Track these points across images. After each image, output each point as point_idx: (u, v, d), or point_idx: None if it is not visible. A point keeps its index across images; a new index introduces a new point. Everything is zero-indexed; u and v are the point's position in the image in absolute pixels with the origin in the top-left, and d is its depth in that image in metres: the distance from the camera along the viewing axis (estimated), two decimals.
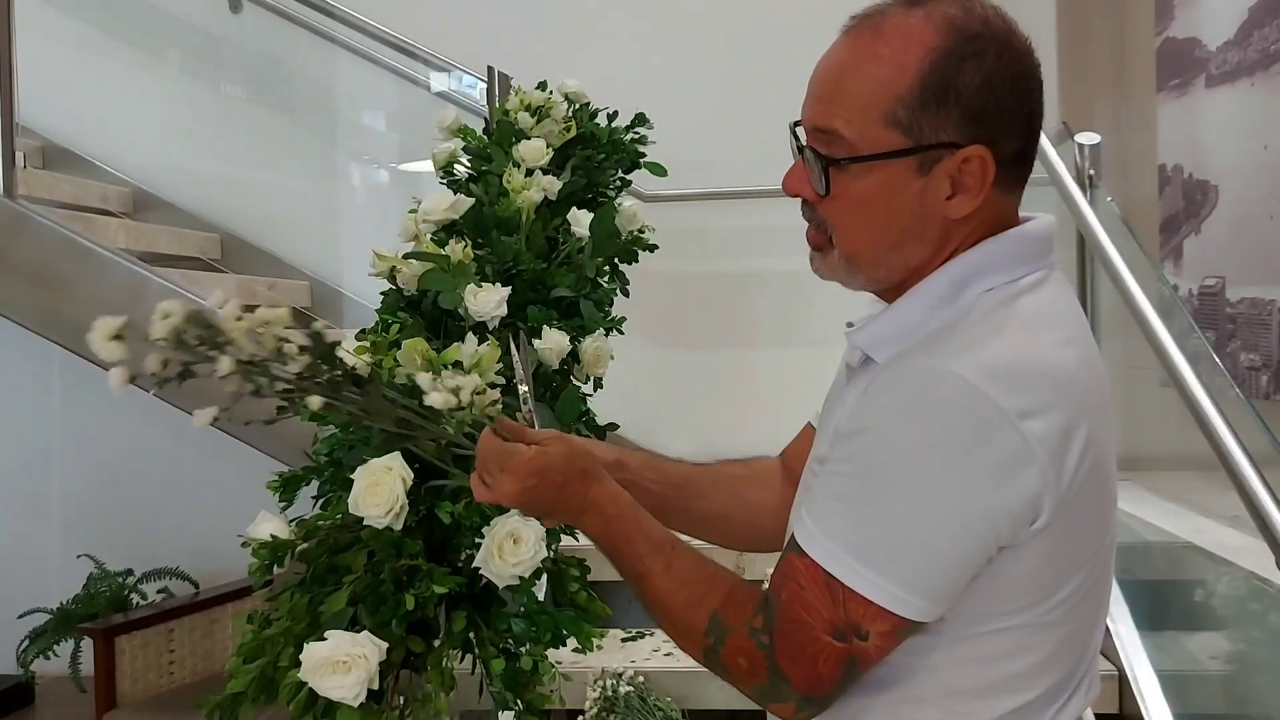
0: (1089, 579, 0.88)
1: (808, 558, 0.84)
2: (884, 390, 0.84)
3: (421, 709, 1.24)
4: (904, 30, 0.87)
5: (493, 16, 3.88)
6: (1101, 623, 0.93)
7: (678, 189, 3.34)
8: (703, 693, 2.46)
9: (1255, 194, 2.98)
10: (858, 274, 0.94)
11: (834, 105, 0.89)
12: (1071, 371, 0.84)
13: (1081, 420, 0.82)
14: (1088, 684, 0.92)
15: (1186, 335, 2.46)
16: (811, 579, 0.83)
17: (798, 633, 0.84)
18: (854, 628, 0.82)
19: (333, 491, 1.36)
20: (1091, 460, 0.83)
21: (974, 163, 0.86)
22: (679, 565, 0.93)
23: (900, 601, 0.81)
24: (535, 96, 2.08)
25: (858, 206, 0.90)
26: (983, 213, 0.89)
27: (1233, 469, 1.82)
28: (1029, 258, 0.90)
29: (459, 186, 2.00)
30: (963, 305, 0.88)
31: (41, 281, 2.74)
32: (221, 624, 3.42)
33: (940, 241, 0.90)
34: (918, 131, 0.86)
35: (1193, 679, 2.34)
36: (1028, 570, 0.84)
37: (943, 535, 0.81)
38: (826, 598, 0.83)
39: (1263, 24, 2.94)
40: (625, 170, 2.20)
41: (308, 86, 4.18)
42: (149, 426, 4.10)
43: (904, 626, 0.83)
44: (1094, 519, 0.87)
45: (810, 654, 0.84)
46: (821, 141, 0.90)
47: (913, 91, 0.85)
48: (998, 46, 0.86)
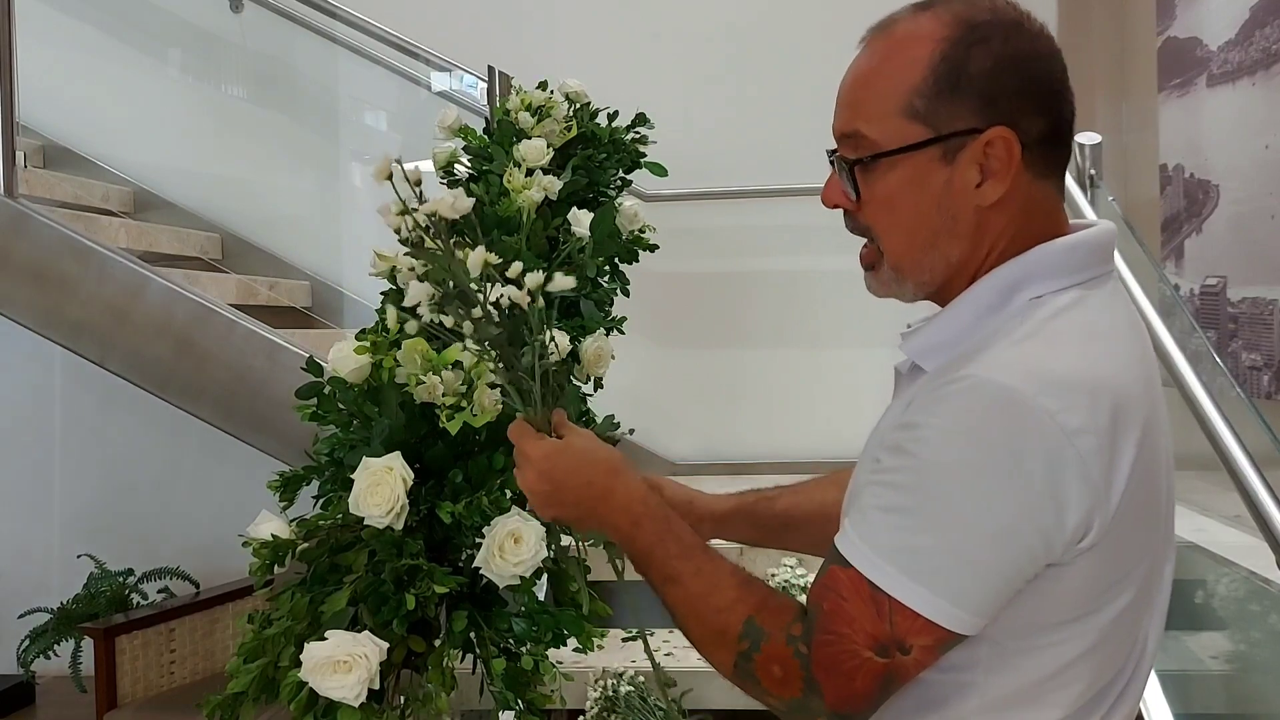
0: (1135, 600, 0.87)
1: (852, 569, 0.83)
2: (934, 402, 0.83)
3: (422, 709, 1.24)
4: (913, 31, 0.89)
5: (493, 16, 3.88)
6: (1143, 643, 0.91)
7: (678, 189, 3.35)
8: (703, 693, 2.46)
9: (1256, 193, 2.98)
10: (906, 281, 0.93)
11: (856, 110, 0.91)
12: (1124, 386, 0.83)
13: (1131, 436, 0.81)
14: (1125, 707, 0.90)
15: (1187, 335, 2.46)
16: (855, 590, 0.82)
17: (838, 645, 0.83)
18: (898, 641, 0.81)
19: (333, 491, 1.35)
20: (1140, 479, 0.82)
21: (998, 145, 0.86)
22: (711, 569, 0.92)
23: (947, 615, 0.80)
24: (536, 96, 2.08)
25: (888, 204, 0.90)
26: (1016, 200, 0.88)
27: (1233, 469, 1.82)
28: (1082, 266, 0.89)
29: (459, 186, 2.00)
30: (1010, 312, 0.87)
31: (42, 281, 2.74)
32: (222, 624, 3.42)
33: (976, 235, 0.89)
34: (936, 121, 0.87)
35: (1193, 679, 2.34)
36: (1072, 588, 0.83)
37: (992, 549, 0.80)
38: (871, 610, 0.81)
39: (1264, 23, 2.94)
40: (626, 170, 2.20)
41: (308, 86, 4.19)
42: (149, 427, 4.11)
43: (947, 640, 0.82)
44: (1140, 540, 0.86)
45: (849, 668, 0.82)
46: (850, 147, 0.92)
47: (926, 82, 0.87)
48: (1005, 30, 0.87)
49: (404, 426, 1.27)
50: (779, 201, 3.75)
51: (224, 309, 2.82)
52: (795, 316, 3.83)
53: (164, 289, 2.78)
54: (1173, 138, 3.49)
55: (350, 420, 1.33)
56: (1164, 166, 3.52)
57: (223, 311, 2.81)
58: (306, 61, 4.12)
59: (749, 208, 3.83)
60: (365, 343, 1.29)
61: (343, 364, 1.28)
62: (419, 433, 1.29)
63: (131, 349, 2.76)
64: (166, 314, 2.76)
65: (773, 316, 3.84)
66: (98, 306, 2.75)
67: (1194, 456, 1.95)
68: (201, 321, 2.77)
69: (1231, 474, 1.82)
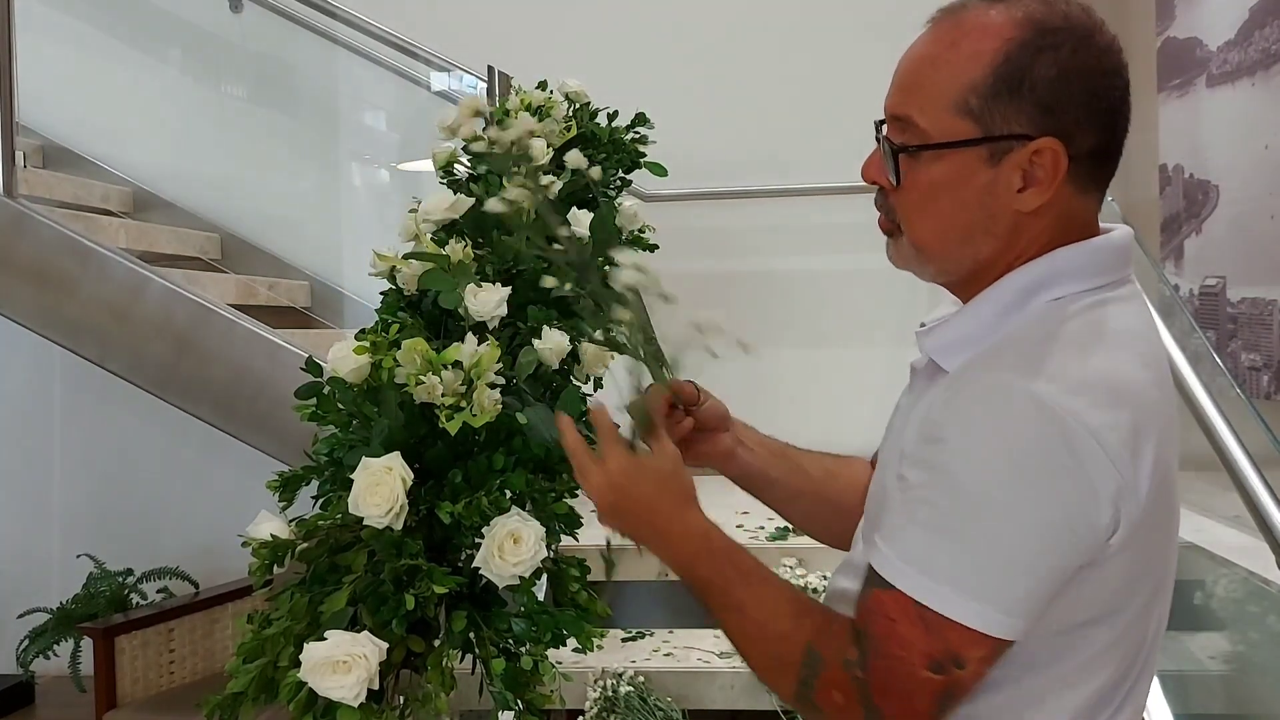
0: (1145, 599, 0.88)
1: (894, 590, 0.82)
2: (959, 408, 0.83)
3: (421, 709, 1.24)
4: (983, 23, 0.87)
5: (493, 16, 3.88)
6: (1153, 637, 0.92)
7: (678, 189, 3.34)
8: (703, 693, 2.46)
9: (1256, 193, 2.98)
10: (927, 264, 0.93)
11: (911, 95, 0.89)
12: (1144, 389, 0.83)
13: (1151, 438, 0.81)
14: (1137, 698, 0.91)
15: (1187, 335, 2.47)
16: (902, 611, 0.81)
17: (895, 669, 0.82)
18: (953, 657, 0.81)
19: (333, 491, 1.35)
20: (1160, 479, 0.82)
21: (1045, 155, 0.85)
22: (770, 596, 0.91)
23: (997, 623, 0.80)
24: (536, 96, 2.08)
25: (927, 195, 0.89)
26: (1055, 210, 0.88)
27: (1233, 469, 1.82)
28: (1103, 269, 0.89)
29: (459, 186, 2.00)
30: (1031, 313, 0.87)
31: (42, 281, 2.74)
32: (221, 624, 3.42)
33: (1010, 237, 0.88)
34: (989, 121, 0.85)
35: (1193, 679, 2.34)
36: (1102, 588, 0.83)
37: (1033, 553, 0.79)
38: (920, 629, 0.81)
39: (1263, 24, 2.94)
40: (625, 170, 2.19)
41: (308, 86, 4.19)
42: (149, 426, 4.11)
43: (1000, 648, 0.82)
44: (1160, 539, 0.87)
45: (908, 690, 0.82)
46: (897, 130, 0.90)
47: (986, 81, 0.85)
48: (1075, 41, 0.85)
49: (403, 426, 1.27)
50: (779, 201, 3.75)
51: (223, 309, 2.82)
52: (797, 316, 3.83)
53: (163, 289, 2.78)
54: (1172, 138, 3.49)
55: (350, 420, 1.33)
56: (1163, 167, 3.52)
57: (222, 311, 2.80)
58: (306, 61, 4.12)
59: (749, 208, 3.83)
60: (365, 343, 1.29)
61: (342, 364, 1.28)
62: (418, 433, 1.28)
63: (131, 349, 2.76)
64: (166, 314, 2.76)
65: (774, 316, 3.84)
66: (97, 307, 2.75)
67: (1194, 456, 1.95)
68: (201, 322, 2.77)
69: (1231, 474, 1.82)
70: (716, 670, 2.42)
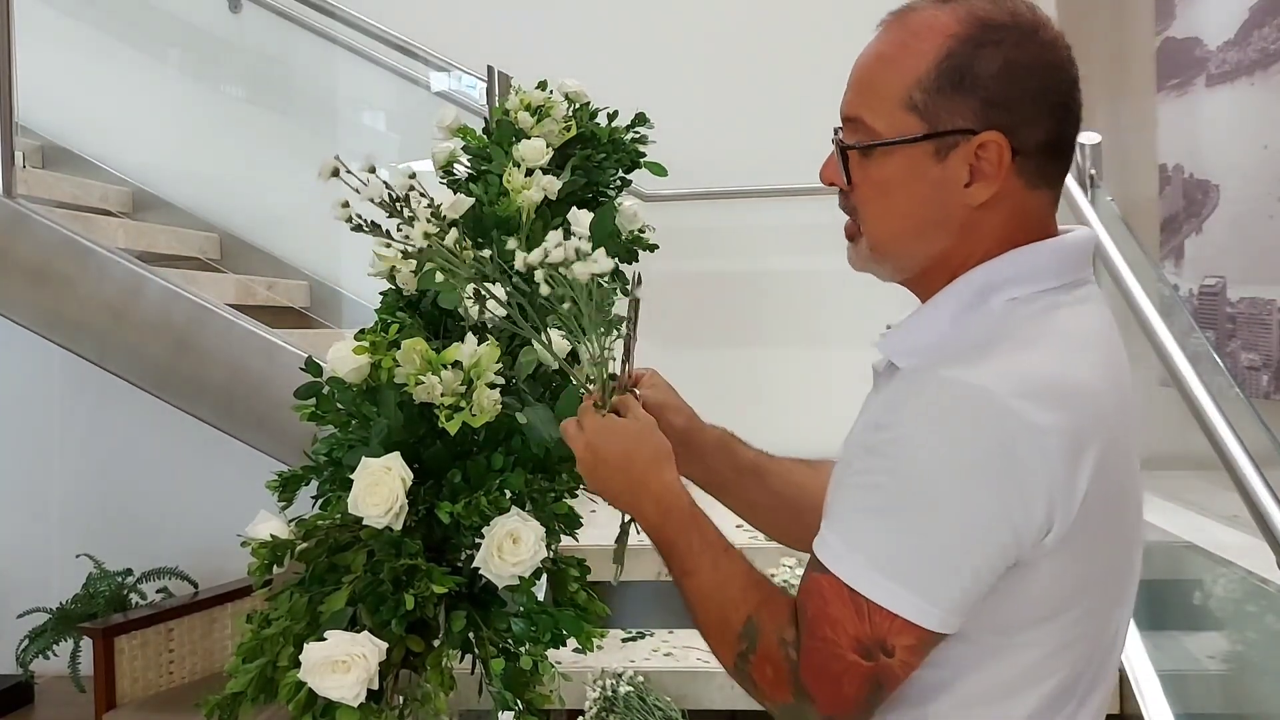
0: (1095, 603, 0.87)
1: (830, 574, 0.84)
2: (907, 401, 0.84)
3: (421, 709, 1.24)
4: (929, 22, 0.88)
5: (493, 16, 3.88)
6: (1111, 638, 0.92)
7: (678, 189, 3.34)
8: (702, 693, 2.46)
9: (1255, 193, 2.98)
10: (884, 262, 0.94)
11: (861, 95, 0.91)
12: (1095, 392, 0.83)
13: (1095, 441, 0.81)
14: (1094, 701, 0.91)
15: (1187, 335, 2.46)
16: (836, 594, 0.83)
17: (823, 650, 0.83)
18: (880, 643, 0.82)
19: (332, 491, 1.35)
20: (1105, 485, 0.82)
21: (990, 149, 0.86)
22: (726, 565, 0.94)
23: (924, 613, 0.81)
24: (535, 96, 2.08)
25: (879, 192, 0.91)
26: (1007, 205, 0.88)
27: (1233, 469, 1.82)
28: (1060, 270, 0.89)
29: (459, 186, 2.00)
30: (986, 312, 0.88)
31: (41, 281, 2.74)
32: (221, 624, 3.42)
33: (963, 232, 0.89)
34: (934, 117, 0.87)
35: (1193, 679, 2.34)
36: (1041, 588, 0.84)
37: (964, 545, 0.80)
38: (850, 612, 0.82)
39: (1263, 24, 2.94)
40: (625, 170, 2.19)
41: (307, 86, 4.18)
42: (148, 427, 4.10)
43: (928, 639, 0.82)
44: (1106, 544, 0.86)
45: (835, 673, 0.83)
46: (851, 131, 0.92)
47: (929, 76, 0.86)
48: (1019, 35, 0.86)
49: (403, 426, 1.27)
50: (779, 201, 3.75)
51: (222, 309, 2.82)
52: (796, 316, 3.83)
53: (162, 289, 2.78)
54: (1172, 138, 3.49)
55: (349, 420, 1.33)
56: (1163, 166, 3.52)
57: (221, 311, 2.80)
58: (305, 62, 4.12)
59: (750, 207, 3.83)
60: (364, 343, 1.29)
61: (341, 364, 1.28)
62: (418, 433, 1.28)
63: (130, 349, 2.76)
64: (165, 314, 2.76)
65: (773, 316, 3.84)
66: (96, 306, 2.75)
67: (1194, 456, 1.95)
68: (200, 321, 2.77)
69: (1231, 474, 1.82)
70: (716, 670, 2.42)
